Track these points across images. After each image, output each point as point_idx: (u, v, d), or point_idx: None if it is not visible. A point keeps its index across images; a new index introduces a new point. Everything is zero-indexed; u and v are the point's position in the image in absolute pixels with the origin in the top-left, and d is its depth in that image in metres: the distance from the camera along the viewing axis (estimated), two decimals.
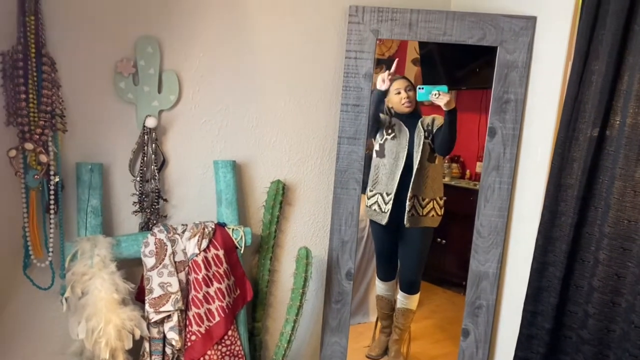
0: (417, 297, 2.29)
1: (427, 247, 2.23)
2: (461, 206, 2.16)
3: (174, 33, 1.70)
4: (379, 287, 2.35)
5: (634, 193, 1.59)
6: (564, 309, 1.79)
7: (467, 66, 2.15)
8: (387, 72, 2.02)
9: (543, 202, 1.83)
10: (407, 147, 2.08)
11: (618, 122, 1.62)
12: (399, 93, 2.09)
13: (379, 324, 2.37)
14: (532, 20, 1.89)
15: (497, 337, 2.05)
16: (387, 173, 2.12)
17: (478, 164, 2.16)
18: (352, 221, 2.07)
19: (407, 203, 2.08)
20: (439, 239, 2.26)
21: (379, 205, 2.14)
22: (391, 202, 2.10)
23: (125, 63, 1.63)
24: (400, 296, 2.28)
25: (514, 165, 1.96)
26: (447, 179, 2.25)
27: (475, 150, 2.11)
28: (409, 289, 2.27)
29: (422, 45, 2.13)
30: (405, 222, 2.10)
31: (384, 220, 2.12)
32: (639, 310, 1.54)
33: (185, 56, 1.73)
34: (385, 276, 2.32)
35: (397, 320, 2.29)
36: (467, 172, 2.25)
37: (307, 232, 2.12)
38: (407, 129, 2.09)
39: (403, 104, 2.09)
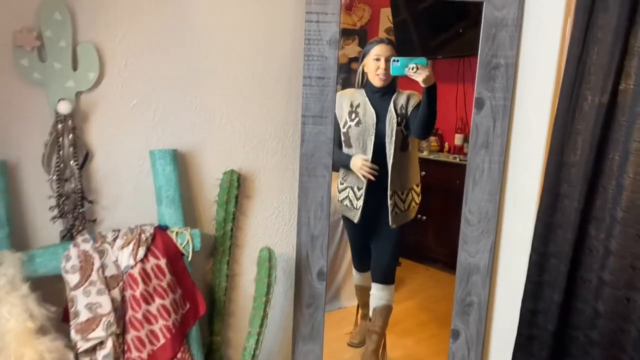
0: (393, 288, 2.06)
1: (403, 239, 2.01)
2: (441, 180, 2.04)
3: None
4: (356, 277, 2.15)
5: None
6: (569, 307, 1.56)
7: (445, 33, 1.97)
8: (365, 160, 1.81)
9: (542, 183, 1.60)
10: (374, 134, 1.81)
11: (632, 86, 1.37)
12: (377, 60, 1.81)
13: (360, 310, 2.16)
14: None
15: (491, 339, 1.82)
16: None
17: (457, 136, 2.04)
18: (322, 213, 1.79)
19: (389, 202, 1.84)
20: (419, 215, 2.09)
21: (350, 201, 1.89)
22: (362, 197, 1.85)
23: (26, 34, 1.31)
24: (375, 289, 2.04)
25: (506, 141, 1.71)
26: (425, 153, 2.10)
27: (454, 121, 1.99)
28: (384, 279, 2.04)
29: (396, 13, 1.94)
30: (390, 224, 1.87)
31: (356, 217, 1.88)
32: None
33: (105, 24, 1.42)
34: (361, 267, 2.11)
35: (373, 324, 2.04)
36: (446, 144, 2.10)
37: (271, 228, 1.84)
38: (373, 111, 1.82)
39: (377, 74, 1.81)
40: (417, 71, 1.70)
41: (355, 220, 1.90)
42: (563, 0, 1.54)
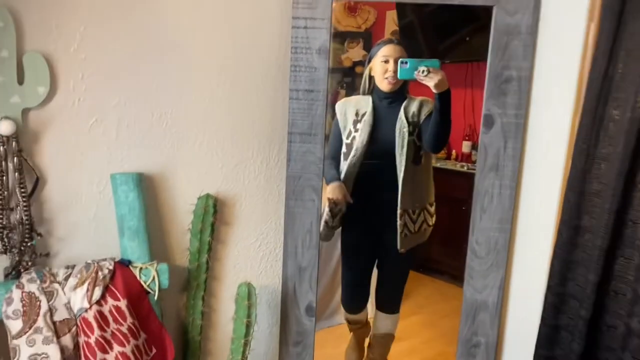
0: (397, 317, 1.89)
1: (411, 265, 1.82)
2: (448, 189, 1.92)
3: None
4: (346, 315, 1.93)
5: None
6: (590, 357, 1.37)
7: (452, 37, 1.87)
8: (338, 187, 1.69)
9: (559, 214, 1.42)
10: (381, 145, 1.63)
11: None
12: (386, 62, 1.63)
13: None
14: None
15: None
16: None
17: (464, 143, 1.94)
18: (311, 242, 1.62)
19: (399, 222, 1.65)
20: None
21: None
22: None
23: None
24: (377, 317, 1.88)
25: (519, 164, 1.52)
26: (432, 161, 1.95)
27: (461, 128, 1.88)
28: (387, 308, 1.87)
29: (402, 15, 1.85)
30: (399, 247, 1.68)
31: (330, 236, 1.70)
32: None
33: (57, 30, 1.24)
34: (351, 307, 1.90)
35: (372, 351, 1.86)
36: (453, 152, 2.00)
37: (254, 257, 1.66)
38: (380, 120, 1.64)
39: (386, 78, 1.63)
40: (428, 74, 1.51)
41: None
42: (585, 5, 1.35)
